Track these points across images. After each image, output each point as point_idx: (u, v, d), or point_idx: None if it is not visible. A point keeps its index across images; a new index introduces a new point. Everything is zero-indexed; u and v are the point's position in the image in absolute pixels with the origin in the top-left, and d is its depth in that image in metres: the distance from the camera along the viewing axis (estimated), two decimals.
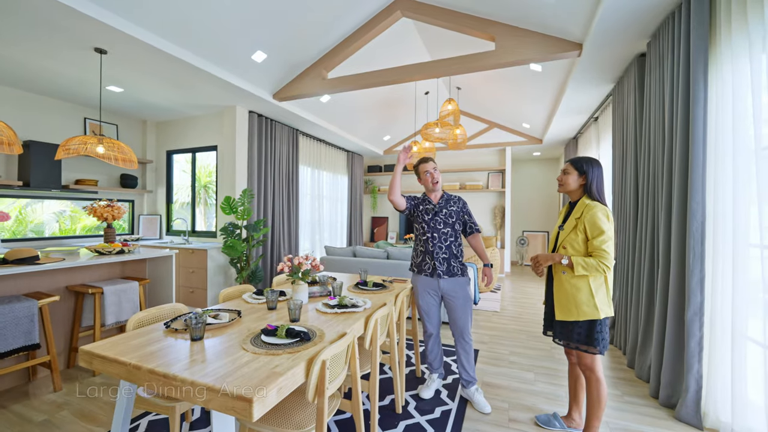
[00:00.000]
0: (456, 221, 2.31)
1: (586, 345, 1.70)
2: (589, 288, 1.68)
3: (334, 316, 1.81)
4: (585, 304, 1.68)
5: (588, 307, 1.67)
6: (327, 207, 6.63)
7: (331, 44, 3.84)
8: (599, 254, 1.63)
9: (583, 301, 1.68)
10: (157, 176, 5.17)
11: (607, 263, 1.62)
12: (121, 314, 2.72)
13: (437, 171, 2.33)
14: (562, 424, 1.97)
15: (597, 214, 1.65)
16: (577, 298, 1.69)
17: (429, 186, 2.34)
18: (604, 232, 1.62)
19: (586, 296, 1.68)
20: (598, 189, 1.74)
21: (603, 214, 1.65)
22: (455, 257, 2.30)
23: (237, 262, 4.15)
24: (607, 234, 1.63)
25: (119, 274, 3.06)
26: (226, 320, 1.64)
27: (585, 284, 1.69)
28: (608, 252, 1.62)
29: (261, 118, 4.72)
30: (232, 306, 1.98)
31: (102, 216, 3.04)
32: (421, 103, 6.22)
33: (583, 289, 1.69)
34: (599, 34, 2.68)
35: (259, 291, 2.22)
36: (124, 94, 3.98)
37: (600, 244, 1.63)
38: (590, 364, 1.74)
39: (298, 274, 2.01)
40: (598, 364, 1.74)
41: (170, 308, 1.86)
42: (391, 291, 2.38)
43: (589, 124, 5.02)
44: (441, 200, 2.35)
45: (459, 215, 2.33)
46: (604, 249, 1.62)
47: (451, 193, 2.37)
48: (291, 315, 1.69)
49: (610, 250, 1.62)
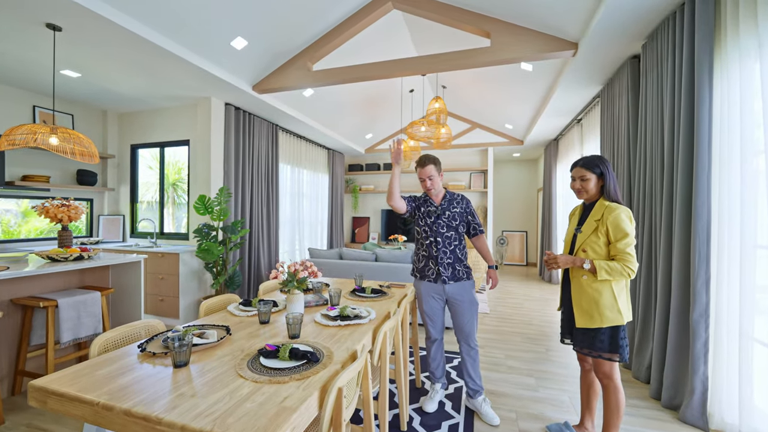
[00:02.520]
0: (460, 223, 2.19)
1: (610, 353, 1.62)
2: (612, 292, 1.60)
3: (337, 329, 1.62)
4: (609, 309, 1.60)
5: (612, 312, 1.59)
6: (307, 207, 6.35)
7: (318, 34, 3.61)
8: (624, 258, 1.56)
9: (606, 306, 1.60)
10: (119, 172, 4.70)
11: (632, 267, 1.55)
12: (80, 330, 2.37)
13: (434, 178, 2.16)
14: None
15: (620, 216, 1.58)
16: (600, 303, 1.61)
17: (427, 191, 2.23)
18: (628, 235, 1.56)
19: (609, 301, 1.60)
20: (614, 189, 1.68)
21: (626, 216, 1.59)
22: (460, 261, 2.17)
23: (213, 267, 3.82)
24: (631, 237, 1.57)
25: (77, 283, 2.68)
26: (214, 339, 1.41)
27: (608, 289, 1.61)
28: (632, 255, 1.56)
29: (238, 112, 4.40)
30: (218, 320, 1.74)
31: (56, 217, 2.65)
32: (406, 102, 6.10)
33: (606, 293, 1.61)
34: (597, 34, 2.66)
35: (246, 301, 1.99)
36: (81, 80, 3.54)
37: (624, 247, 1.56)
38: (609, 372, 1.65)
39: (293, 282, 1.80)
40: (616, 372, 1.66)
41: (143, 325, 1.59)
42: (391, 298, 2.21)
43: (572, 125, 5.10)
44: (444, 201, 2.20)
45: (463, 216, 2.20)
46: (628, 252, 1.56)
47: (455, 192, 2.26)
48: (290, 331, 1.49)
49: (634, 253, 1.57)
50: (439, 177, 2.19)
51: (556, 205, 6.00)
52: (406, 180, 7.63)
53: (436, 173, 2.16)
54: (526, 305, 4.66)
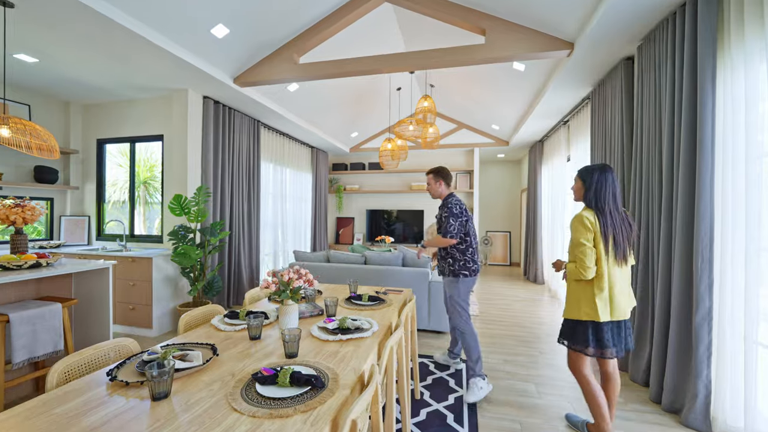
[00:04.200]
0: (439, 227, 2.56)
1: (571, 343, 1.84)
2: (578, 290, 1.80)
3: (339, 345, 1.46)
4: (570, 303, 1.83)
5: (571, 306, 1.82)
6: (290, 207, 6.11)
7: (307, 24, 3.42)
8: (576, 259, 1.76)
9: (569, 301, 1.84)
10: (84, 169, 4.31)
11: (582, 268, 1.72)
12: (36, 347, 2.09)
13: (429, 185, 2.69)
14: None
15: (573, 223, 1.78)
16: (568, 298, 1.86)
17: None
18: (578, 239, 1.75)
19: (574, 296, 1.81)
20: (595, 194, 1.80)
21: (578, 222, 1.76)
22: (443, 258, 2.61)
23: (190, 272, 3.55)
24: (580, 240, 1.74)
25: (34, 293, 2.38)
26: (199, 362, 1.22)
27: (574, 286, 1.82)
28: (584, 256, 1.71)
29: (218, 106, 4.12)
30: (201, 336, 1.54)
31: (7, 219, 2.34)
32: (393, 100, 5.98)
33: (572, 290, 1.84)
34: (594, 34, 2.63)
35: (232, 313, 1.79)
36: (39, 65, 3.18)
37: (573, 249, 1.77)
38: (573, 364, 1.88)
39: (287, 292, 1.62)
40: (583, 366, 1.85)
41: (112, 347, 1.38)
42: (390, 305, 2.08)
43: (558, 127, 5.14)
44: (440, 206, 2.64)
45: (439, 221, 2.58)
46: (578, 254, 1.74)
47: (448, 200, 2.57)
48: (286, 349, 1.32)
49: (585, 255, 1.71)
50: (436, 185, 2.66)
51: (542, 205, 6.06)
52: (391, 180, 7.51)
53: (432, 182, 2.67)
54: (514, 306, 4.64)
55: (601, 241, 1.71)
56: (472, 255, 2.52)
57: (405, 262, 3.82)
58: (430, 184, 2.68)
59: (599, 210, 1.75)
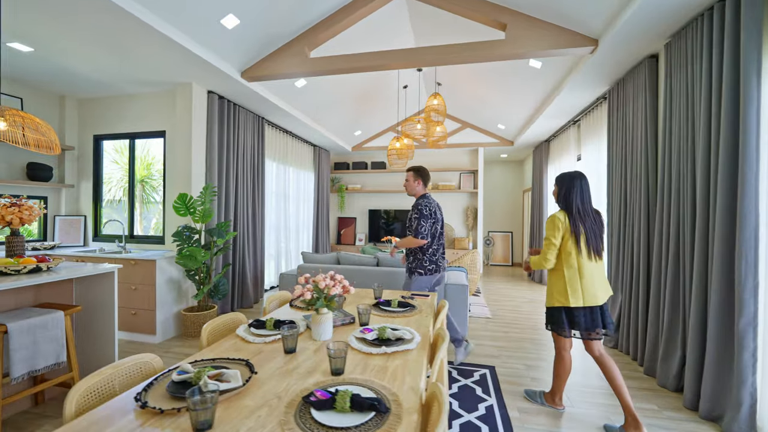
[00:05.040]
0: (408, 226, 2.67)
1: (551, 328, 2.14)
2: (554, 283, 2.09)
3: (384, 359, 1.34)
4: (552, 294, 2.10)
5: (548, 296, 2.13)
6: (293, 206, 5.95)
7: (319, 16, 3.28)
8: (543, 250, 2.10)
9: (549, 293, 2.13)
10: (80, 166, 4.09)
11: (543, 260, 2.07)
12: (37, 360, 1.91)
13: (408, 181, 2.75)
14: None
15: (547, 222, 2.10)
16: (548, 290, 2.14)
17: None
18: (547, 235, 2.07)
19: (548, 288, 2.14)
20: (565, 198, 2.08)
21: (550, 221, 2.07)
22: (407, 256, 2.74)
23: (195, 275, 3.38)
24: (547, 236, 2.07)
25: (32, 300, 2.19)
26: (238, 382, 1.08)
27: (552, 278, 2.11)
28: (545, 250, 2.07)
29: (223, 101, 3.95)
30: (228, 350, 1.41)
31: (2, 219, 2.15)
32: (398, 99, 5.86)
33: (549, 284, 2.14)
34: (622, 31, 2.55)
35: (258, 323, 1.65)
36: (34, 55, 2.99)
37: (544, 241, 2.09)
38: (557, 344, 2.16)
39: (321, 300, 1.49)
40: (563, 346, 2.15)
41: (133, 364, 1.23)
42: (421, 312, 1.96)
43: (567, 127, 5.08)
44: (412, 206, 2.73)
45: (409, 221, 2.66)
46: (543, 247, 2.11)
47: (419, 201, 2.65)
48: (333, 365, 1.19)
49: (547, 249, 2.06)
50: (414, 183, 2.73)
51: (548, 206, 6.01)
52: (394, 179, 7.39)
53: (411, 179, 2.74)
54: (524, 308, 4.57)
55: (572, 238, 2.00)
56: (431, 256, 2.64)
57: None
58: (408, 180, 2.74)
59: (569, 211, 2.04)
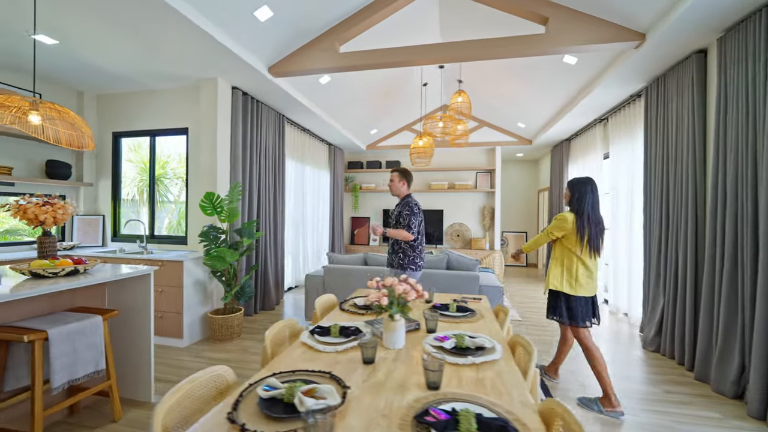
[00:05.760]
0: (396, 223, 2.73)
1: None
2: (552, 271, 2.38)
3: (474, 370, 1.23)
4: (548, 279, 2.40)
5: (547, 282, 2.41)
6: (310, 206, 5.84)
7: (352, 9, 3.18)
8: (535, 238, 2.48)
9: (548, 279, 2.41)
10: (98, 165, 3.98)
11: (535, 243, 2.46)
12: (77, 368, 1.80)
13: (393, 181, 2.80)
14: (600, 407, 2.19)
15: (556, 217, 2.34)
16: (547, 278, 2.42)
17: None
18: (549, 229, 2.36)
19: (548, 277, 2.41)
20: (578, 201, 2.30)
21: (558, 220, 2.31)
22: (395, 253, 2.77)
23: (222, 276, 3.28)
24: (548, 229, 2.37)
25: (67, 304, 2.08)
26: (336, 400, 0.98)
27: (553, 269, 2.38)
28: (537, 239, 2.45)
29: (246, 98, 3.85)
30: (301, 359, 1.30)
31: (36, 219, 2.04)
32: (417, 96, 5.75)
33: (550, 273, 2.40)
34: (673, 25, 2.45)
35: (320, 329, 1.55)
36: (58, 48, 2.87)
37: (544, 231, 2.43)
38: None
39: (395, 306, 1.39)
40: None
41: (208, 378, 1.13)
42: (483, 317, 1.86)
43: (593, 125, 4.99)
44: (397, 204, 2.80)
45: (397, 218, 2.73)
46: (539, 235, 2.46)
47: (409, 200, 2.73)
48: (429, 379, 1.09)
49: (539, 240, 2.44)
50: (400, 184, 2.79)
51: None
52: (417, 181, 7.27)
53: (397, 180, 2.79)
54: None
55: (577, 238, 2.25)
56: (420, 252, 2.77)
57: (450, 264, 3.61)
58: (393, 181, 2.79)
59: (579, 214, 2.27)
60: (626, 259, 4.09)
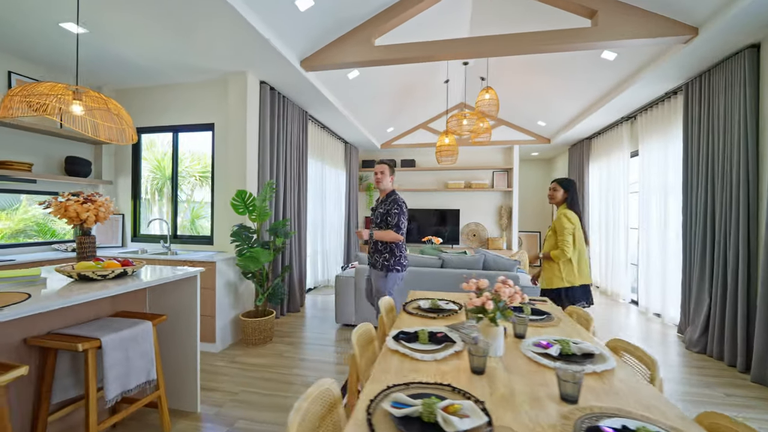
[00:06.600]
0: (381, 221, 2.64)
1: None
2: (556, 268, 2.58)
3: (595, 379, 1.13)
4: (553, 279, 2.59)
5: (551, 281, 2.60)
6: (329, 205, 5.72)
7: (389, 1, 3.06)
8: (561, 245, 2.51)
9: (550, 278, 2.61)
10: (117, 162, 3.82)
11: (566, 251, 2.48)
12: (130, 378, 1.67)
13: (383, 173, 2.67)
14: None
15: (561, 219, 2.52)
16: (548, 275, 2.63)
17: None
18: (565, 232, 2.49)
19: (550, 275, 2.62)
20: (573, 198, 2.61)
21: (565, 219, 2.51)
22: (379, 252, 2.65)
23: (254, 278, 3.14)
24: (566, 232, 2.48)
25: (110, 309, 1.94)
26: (482, 418, 0.87)
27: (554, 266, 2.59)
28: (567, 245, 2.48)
29: (273, 93, 3.72)
30: (403, 370, 1.19)
31: (77, 217, 1.91)
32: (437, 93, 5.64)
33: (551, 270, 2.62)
34: (731, 19, 2.38)
35: (405, 335, 1.44)
36: (87, 38, 2.72)
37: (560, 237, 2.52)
38: None
39: (498, 310, 1.29)
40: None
41: (320, 393, 1.01)
42: (561, 320, 1.76)
43: (619, 123, 4.92)
44: (380, 201, 2.71)
45: (383, 216, 2.63)
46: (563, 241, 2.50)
47: (396, 197, 2.64)
48: (566, 391, 0.99)
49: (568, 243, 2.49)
50: (389, 178, 2.69)
51: (590, 203, 5.86)
52: (425, 178, 7.19)
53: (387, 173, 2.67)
54: None
55: (580, 230, 2.53)
56: (405, 251, 2.72)
57: (486, 264, 3.51)
58: (384, 173, 2.67)
59: (575, 210, 2.58)
60: (659, 258, 4.02)
